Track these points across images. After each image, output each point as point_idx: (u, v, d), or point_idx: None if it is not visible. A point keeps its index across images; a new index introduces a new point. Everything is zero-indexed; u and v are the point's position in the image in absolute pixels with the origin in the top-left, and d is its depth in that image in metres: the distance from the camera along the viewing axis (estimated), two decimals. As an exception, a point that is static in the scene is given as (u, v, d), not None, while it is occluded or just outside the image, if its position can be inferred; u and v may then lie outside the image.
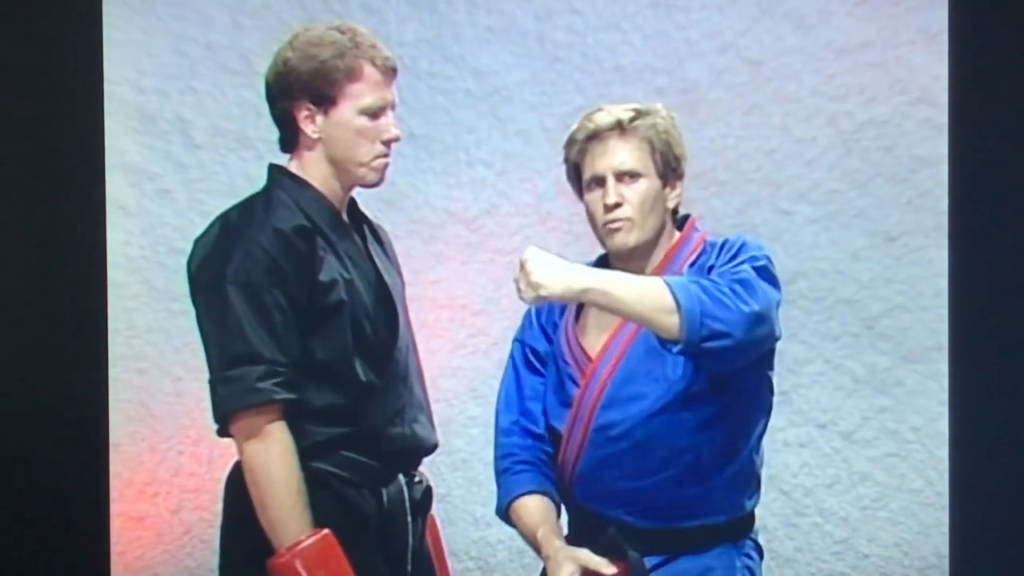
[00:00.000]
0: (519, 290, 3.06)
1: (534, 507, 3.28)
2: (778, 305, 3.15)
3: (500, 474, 3.36)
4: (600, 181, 3.23)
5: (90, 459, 4.65)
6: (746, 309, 3.05)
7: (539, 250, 3.08)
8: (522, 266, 3.06)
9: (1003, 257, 4.55)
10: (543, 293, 3.04)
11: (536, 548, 3.24)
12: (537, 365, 3.34)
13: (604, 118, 3.23)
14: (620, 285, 3.07)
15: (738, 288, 3.07)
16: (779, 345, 3.25)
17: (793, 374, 4.74)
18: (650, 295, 3.05)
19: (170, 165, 4.81)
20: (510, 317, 3.50)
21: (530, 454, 3.33)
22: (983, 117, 4.59)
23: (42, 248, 4.62)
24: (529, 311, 3.38)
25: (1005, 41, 4.54)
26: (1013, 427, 4.58)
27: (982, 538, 4.60)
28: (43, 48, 4.60)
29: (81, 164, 4.65)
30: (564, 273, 3.06)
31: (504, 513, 3.34)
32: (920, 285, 4.76)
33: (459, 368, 4.78)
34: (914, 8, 4.73)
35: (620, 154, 3.22)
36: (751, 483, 3.27)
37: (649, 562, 3.18)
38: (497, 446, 3.38)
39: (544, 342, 3.35)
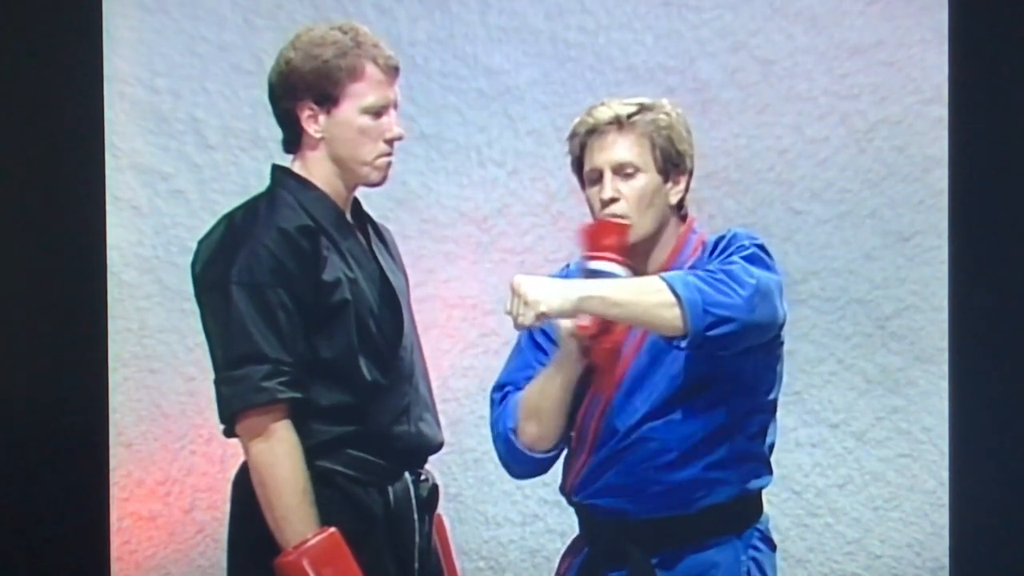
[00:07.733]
0: (516, 317, 3.04)
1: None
2: (779, 287, 3.14)
3: (496, 422, 3.29)
4: (598, 175, 3.23)
5: (90, 459, 4.66)
6: (743, 292, 3.05)
7: (526, 276, 3.08)
8: (514, 291, 3.04)
9: (1005, 257, 4.55)
10: (542, 309, 3.02)
11: (560, 376, 3.19)
12: (544, 344, 3.31)
13: (603, 113, 3.23)
14: (616, 288, 3.07)
15: (734, 272, 3.08)
16: (791, 345, 3.25)
17: (805, 374, 4.73)
18: (648, 292, 3.05)
19: (183, 165, 4.82)
20: (520, 317, 3.48)
21: None
22: (983, 117, 4.58)
23: (43, 248, 4.63)
24: None
25: (1005, 41, 4.53)
26: (1014, 428, 4.58)
27: (983, 539, 4.59)
28: (44, 47, 4.62)
29: (83, 164, 4.66)
30: (559, 287, 3.06)
31: (516, 429, 3.25)
32: (933, 285, 4.75)
33: (470, 368, 4.77)
34: (927, 7, 4.72)
35: (618, 149, 3.21)
36: (750, 462, 3.24)
37: (652, 560, 3.18)
38: (492, 417, 3.33)
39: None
